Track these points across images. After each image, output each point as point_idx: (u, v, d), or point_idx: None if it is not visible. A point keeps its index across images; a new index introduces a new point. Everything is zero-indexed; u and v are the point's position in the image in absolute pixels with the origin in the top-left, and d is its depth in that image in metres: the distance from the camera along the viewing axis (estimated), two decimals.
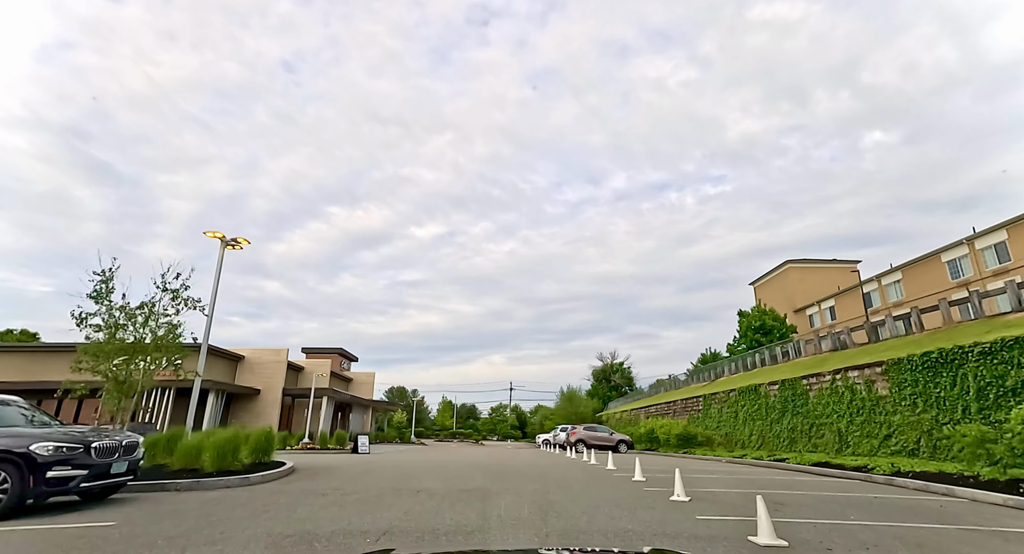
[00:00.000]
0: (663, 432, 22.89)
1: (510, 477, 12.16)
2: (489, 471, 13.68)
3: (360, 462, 16.90)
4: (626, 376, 67.67)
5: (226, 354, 34.56)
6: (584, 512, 6.83)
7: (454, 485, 10.24)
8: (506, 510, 6.88)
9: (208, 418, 30.35)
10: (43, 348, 29.98)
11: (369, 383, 54.34)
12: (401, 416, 54.47)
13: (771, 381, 19.01)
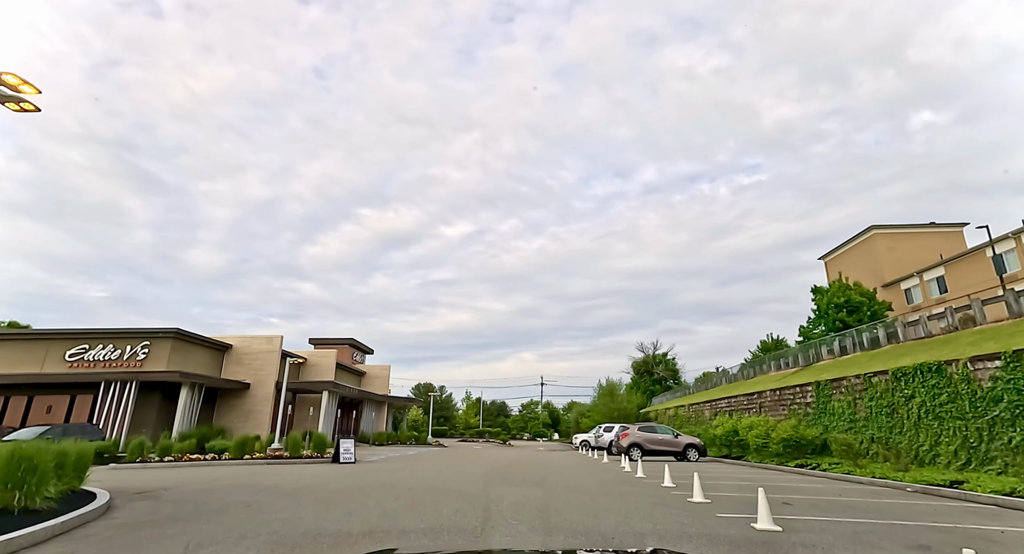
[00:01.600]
0: (756, 434, 16.29)
1: (547, 515, 6.08)
2: (506, 498, 7.67)
3: (318, 482, 11.15)
4: (670, 368, 60.45)
5: (208, 342, 29.65)
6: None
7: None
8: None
9: (181, 418, 25.43)
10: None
11: (384, 377, 49.14)
12: (418, 413, 49.23)
13: (951, 360, 12.24)
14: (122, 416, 23.61)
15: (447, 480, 11.88)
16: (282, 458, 17.43)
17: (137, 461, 17.06)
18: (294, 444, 17.77)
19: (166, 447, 17.98)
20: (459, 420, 63.23)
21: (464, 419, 60.23)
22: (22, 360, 25.25)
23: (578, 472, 14.93)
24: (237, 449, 17.36)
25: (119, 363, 25.64)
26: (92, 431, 20.94)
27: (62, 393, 25.04)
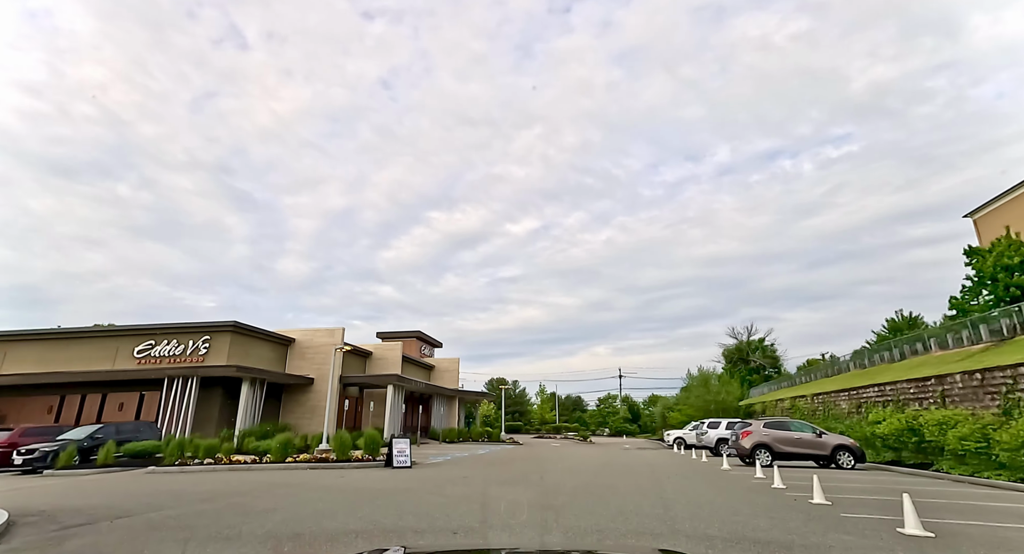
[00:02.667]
0: (961, 435, 11.16)
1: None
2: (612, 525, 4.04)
3: (346, 503, 8.13)
4: (769, 355, 53.22)
5: (269, 336, 28.55)
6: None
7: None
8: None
9: (243, 414, 24.21)
10: (63, 334, 25.91)
11: (453, 371, 47.01)
12: (490, 408, 46.57)
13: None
14: (184, 413, 22.65)
15: (532, 498, 8.40)
16: (328, 461, 14.90)
17: (176, 463, 15.30)
18: (342, 444, 15.19)
19: (210, 447, 16.15)
20: (534, 415, 59.89)
21: (539, 414, 56.81)
22: (95, 357, 25.26)
23: (697, 484, 10.84)
24: (279, 450, 15.12)
25: (182, 359, 24.93)
26: (147, 429, 19.88)
27: (132, 390, 24.72)
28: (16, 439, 17.12)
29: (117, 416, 24.27)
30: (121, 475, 14.35)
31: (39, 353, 25.62)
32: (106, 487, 11.52)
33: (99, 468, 15.41)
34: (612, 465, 16.54)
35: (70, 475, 14.76)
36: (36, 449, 16.02)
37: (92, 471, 15.12)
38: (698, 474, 12.93)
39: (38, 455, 15.89)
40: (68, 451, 15.73)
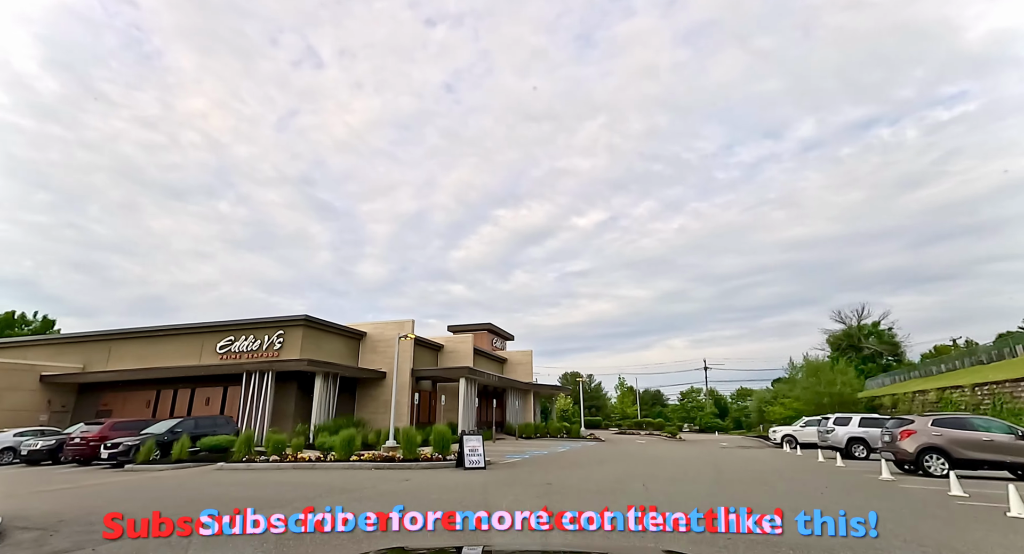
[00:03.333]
0: None
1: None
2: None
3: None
4: (888, 342, 46.17)
5: (340, 330, 28.30)
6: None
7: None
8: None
9: (317, 409, 23.93)
10: (157, 332, 27.12)
11: (527, 364, 45.28)
12: (567, 402, 44.23)
13: None
14: (262, 407, 22.66)
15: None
16: (394, 460, 13.47)
17: (244, 459, 14.64)
18: (409, 441, 13.71)
19: (278, 443, 15.41)
20: (614, 409, 56.64)
21: (619, 409, 53.51)
22: (184, 353, 26.20)
23: (902, 512, 7.91)
24: (343, 447, 13.97)
25: (258, 353, 25.13)
26: (224, 424, 19.84)
27: (216, 385, 25.32)
28: (106, 433, 17.51)
29: (204, 410, 24.94)
30: (190, 471, 13.85)
31: (138, 350, 27.07)
32: (156, 485, 10.75)
33: (174, 463, 15.15)
34: (726, 470, 13.71)
35: (145, 470, 14.56)
36: (120, 443, 16.15)
37: (166, 466, 14.85)
38: (867, 491, 9.84)
39: (122, 449, 16.00)
40: (147, 445, 15.65)
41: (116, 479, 12.64)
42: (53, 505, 8.63)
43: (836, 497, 8.64)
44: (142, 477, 12.91)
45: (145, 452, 15.50)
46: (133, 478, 12.74)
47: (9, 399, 24.38)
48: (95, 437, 17.16)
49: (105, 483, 11.82)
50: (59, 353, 28.10)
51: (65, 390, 26.55)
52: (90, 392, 27.07)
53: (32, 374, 25.42)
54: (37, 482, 12.48)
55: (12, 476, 14.45)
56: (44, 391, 25.68)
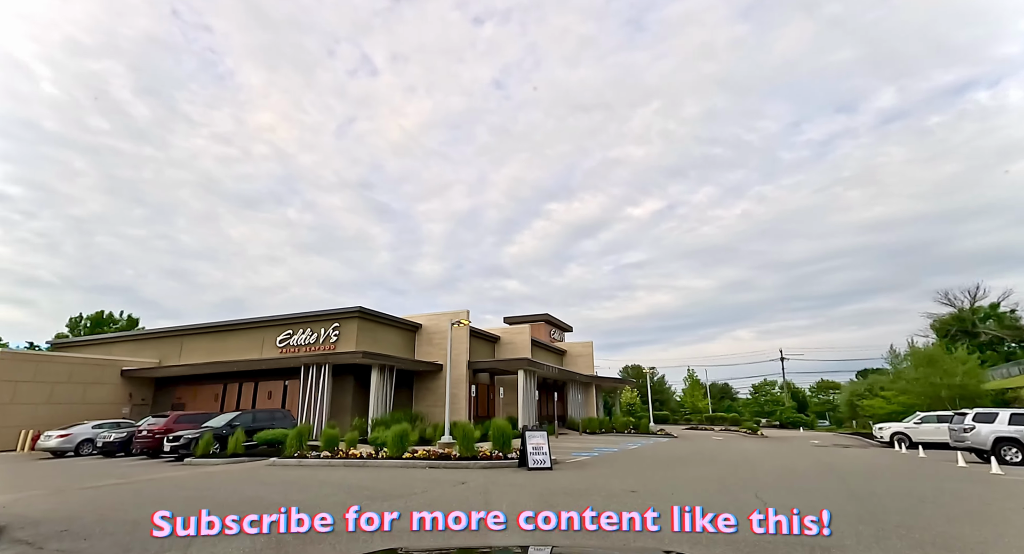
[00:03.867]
0: None
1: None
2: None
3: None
4: (1009, 326, 39.87)
5: (395, 322, 27.70)
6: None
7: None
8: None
9: (375, 402, 23.36)
10: (223, 327, 27.71)
11: (587, 356, 43.25)
12: (632, 396, 41.72)
13: None
14: (319, 401, 22.34)
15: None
16: (449, 458, 12.16)
17: (295, 455, 13.93)
18: (465, 437, 12.36)
19: (331, 438, 14.62)
20: (683, 403, 53.10)
21: (689, 403, 50.01)
22: (247, 347, 26.58)
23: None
24: (396, 443, 12.83)
25: (315, 346, 24.95)
26: (282, 417, 19.53)
27: (276, 378, 25.45)
28: (170, 426, 17.59)
29: (267, 404, 25.13)
30: (241, 466, 13.28)
31: (206, 345, 27.82)
32: (197, 484, 10.01)
33: (229, 457, 14.75)
34: (850, 477, 11.28)
35: (201, 464, 14.21)
36: (181, 436, 16.04)
37: (221, 461, 14.45)
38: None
39: (182, 442, 15.87)
40: (205, 439, 15.39)
41: (168, 474, 12.21)
42: (76, 505, 7.95)
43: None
44: (195, 472, 12.42)
45: (203, 445, 15.23)
46: (185, 473, 12.26)
47: (95, 392, 25.71)
48: (160, 430, 17.25)
49: (154, 478, 11.35)
50: (139, 349, 29.51)
51: (143, 384, 27.77)
52: (166, 386, 28.18)
53: (114, 369, 26.72)
54: (93, 476, 12.29)
55: (76, 468, 14.57)
56: (125, 385, 26.94)
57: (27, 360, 24.16)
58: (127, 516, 6.89)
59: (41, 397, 23.69)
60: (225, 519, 3.16)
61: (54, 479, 11.98)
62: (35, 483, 11.28)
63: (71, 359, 26.08)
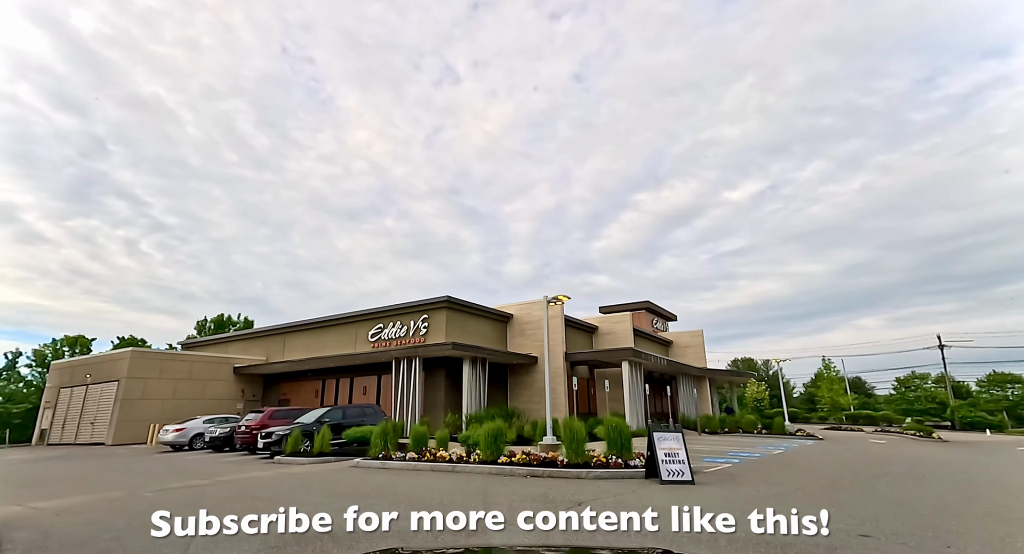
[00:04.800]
0: None
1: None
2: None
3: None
4: None
5: (485, 312, 25.99)
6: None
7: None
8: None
9: (468, 397, 21.75)
10: (321, 323, 27.91)
11: (697, 346, 38.63)
12: (759, 391, 36.29)
13: None
14: (410, 396, 21.17)
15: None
16: (555, 464, 9.71)
17: (380, 456, 12.37)
18: (573, 438, 9.82)
19: (419, 436, 12.91)
20: (819, 399, 45.61)
21: (827, 398, 42.76)
22: (342, 342, 26.44)
23: None
24: (489, 444, 10.67)
25: (405, 340, 23.96)
26: (373, 413, 18.45)
27: (371, 374, 24.91)
28: (265, 421, 17.19)
29: (362, 399, 24.66)
30: (324, 467, 11.97)
31: (306, 342, 28.28)
32: (261, 490, 8.54)
33: (315, 456, 13.64)
34: None
35: (287, 464, 13.22)
36: (272, 432, 15.39)
37: (307, 460, 13.36)
38: None
39: (274, 439, 15.20)
40: (294, 436, 14.52)
41: (251, 475, 11.17)
42: (119, 513, 6.63)
43: None
44: (276, 473, 11.27)
45: (292, 443, 14.36)
46: (267, 474, 11.14)
47: (212, 389, 27.10)
48: (256, 426, 16.90)
49: (233, 480, 10.27)
50: (249, 347, 30.93)
51: (253, 380, 28.92)
52: (273, 382, 29.13)
53: (228, 366, 28.05)
54: (181, 473, 11.63)
55: (178, 463, 14.34)
56: (238, 381, 28.18)
57: (153, 358, 25.96)
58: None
59: (166, 393, 25.29)
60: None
61: (141, 477, 11.48)
62: (119, 482, 10.74)
63: (190, 357, 27.78)
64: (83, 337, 39.94)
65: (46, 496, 9.03)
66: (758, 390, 41.36)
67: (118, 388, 24.11)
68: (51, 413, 27.89)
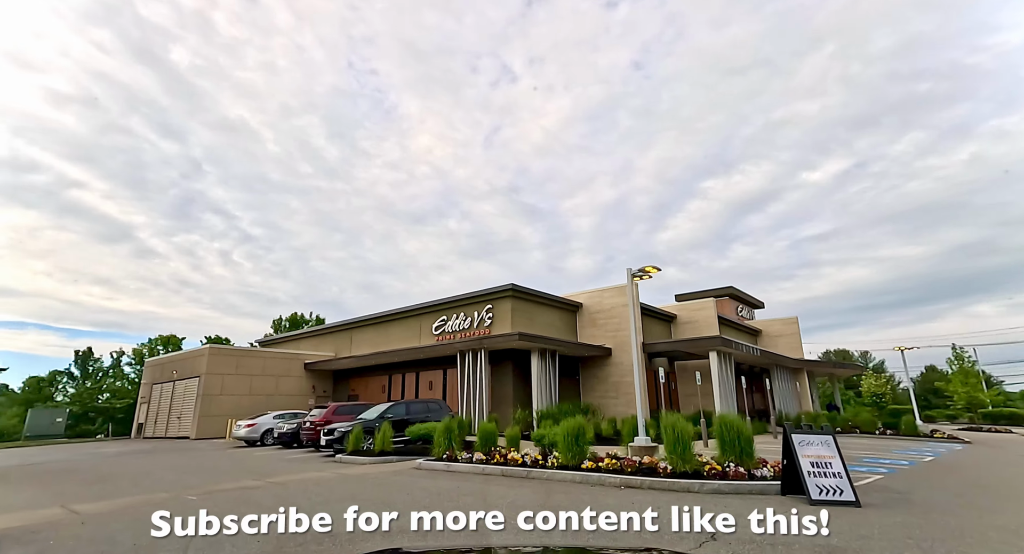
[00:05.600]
0: None
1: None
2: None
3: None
4: None
5: (552, 300, 24.19)
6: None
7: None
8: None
9: (538, 392, 20.11)
10: (385, 317, 27.40)
11: (791, 335, 34.53)
12: (878, 383, 31.49)
13: None
14: (477, 391, 19.83)
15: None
16: (656, 472, 7.71)
17: (444, 457, 10.94)
18: (677, 439, 7.75)
19: (487, 435, 11.37)
20: (952, 394, 39.10)
21: (962, 393, 36.35)
22: (406, 336, 25.75)
23: None
24: (570, 445, 8.84)
25: (470, 332, 22.71)
26: (438, 409, 17.20)
27: (436, 368, 23.93)
28: (329, 417, 16.48)
29: (427, 394, 23.73)
30: (382, 469, 10.72)
31: (371, 336, 27.94)
32: (311, 496, 7.25)
33: (377, 455, 12.49)
34: None
35: (349, 463, 12.20)
36: (335, 429, 14.54)
37: (367, 460, 12.25)
38: None
39: (336, 436, 14.33)
40: (355, 433, 13.53)
41: (308, 475, 10.14)
42: (138, 520, 5.53)
43: None
44: (333, 475, 10.18)
45: (353, 440, 13.37)
46: (324, 476, 10.07)
47: (285, 385, 27.44)
48: (320, 421, 16.21)
49: (286, 482, 9.23)
50: (320, 343, 31.23)
51: (324, 376, 29.05)
52: (342, 378, 29.11)
53: (298, 362, 28.33)
54: (239, 472, 10.86)
55: (245, 460, 13.82)
56: (309, 377, 28.39)
57: (230, 355, 26.63)
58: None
59: (242, 389, 25.82)
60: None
61: (199, 475, 10.83)
62: (175, 481, 10.09)
63: (263, 353, 28.34)
64: (175, 336, 42.82)
65: (96, 496, 8.42)
66: (877, 383, 36.12)
67: (199, 384, 24.87)
68: (146, 408, 29.61)
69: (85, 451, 20.22)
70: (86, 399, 34.00)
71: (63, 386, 38.61)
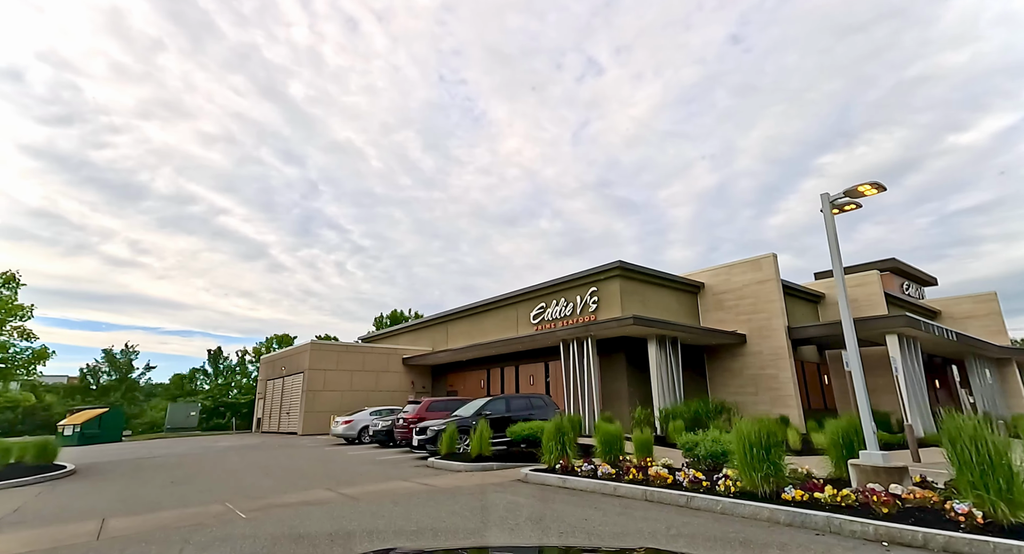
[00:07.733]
0: None
1: None
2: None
3: None
4: None
5: (667, 280, 20.57)
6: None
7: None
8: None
9: (659, 386, 16.79)
10: (480, 308, 25.58)
11: (987, 316, 27.10)
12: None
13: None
14: (585, 385, 17.00)
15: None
16: (940, 515, 4.31)
17: (557, 466, 8.29)
18: (981, 463, 4.33)
19: (609, 438, 8.56)
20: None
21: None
22: (501, 326, 23.69)
23: None
24: (752, 462, 5.70)
25: (573, 319, 19.94)
26: (543, 405, 14.66)
27: (536, 360, 21.50)
28: (422, 414, 14.74)
29: (529, 389, 21.39)
30: (478, 482, 8.36)
31: (466, 328, 26.34)
32: (378, 524, 4.99)
33: (473, 461, 10.22)
34: None
35: (440, 470, 10.09)
36: (427, 428, 12.64)
37: (461, 466, 10.02)
38: None
39: (429, 435, 12.41)
40: (448, 432, 11.48)
41: (387, 486, 8.15)
42: None
43: None
44: (416, 488, 8.07)
45: (447, 441, 11.31)
46: (404, 488, 8.01)
47: (385, 380, 26.83)
48: (413, 418, 14.52)
49: (359, 496, 7.25)
50: (417, 338, 30.43)
51: (421, 371, 28.07)
52: (440, 373, 27.91)
53: (397, 357, 27.63)
54: (310, 480, 9.22)
55: (329, 462, 12.43)
56: (407, 373, 27.57)
57: (331, 350, 26.56)
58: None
59: (344, 384, 25.54)
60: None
61: (278, 480, 9.35)
62: (252, 486, 8.66)
63: (363, 349, 28.02)
64: (287, 335, 45.46)
65: (152, 505, 7.07)
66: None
67: (304, 380, 24.97)
68: (262, 403, 30.92)
69: (203, 445, 20.78)
70: (217, 395, 36.88)
71: (199, 383, 42.64)
